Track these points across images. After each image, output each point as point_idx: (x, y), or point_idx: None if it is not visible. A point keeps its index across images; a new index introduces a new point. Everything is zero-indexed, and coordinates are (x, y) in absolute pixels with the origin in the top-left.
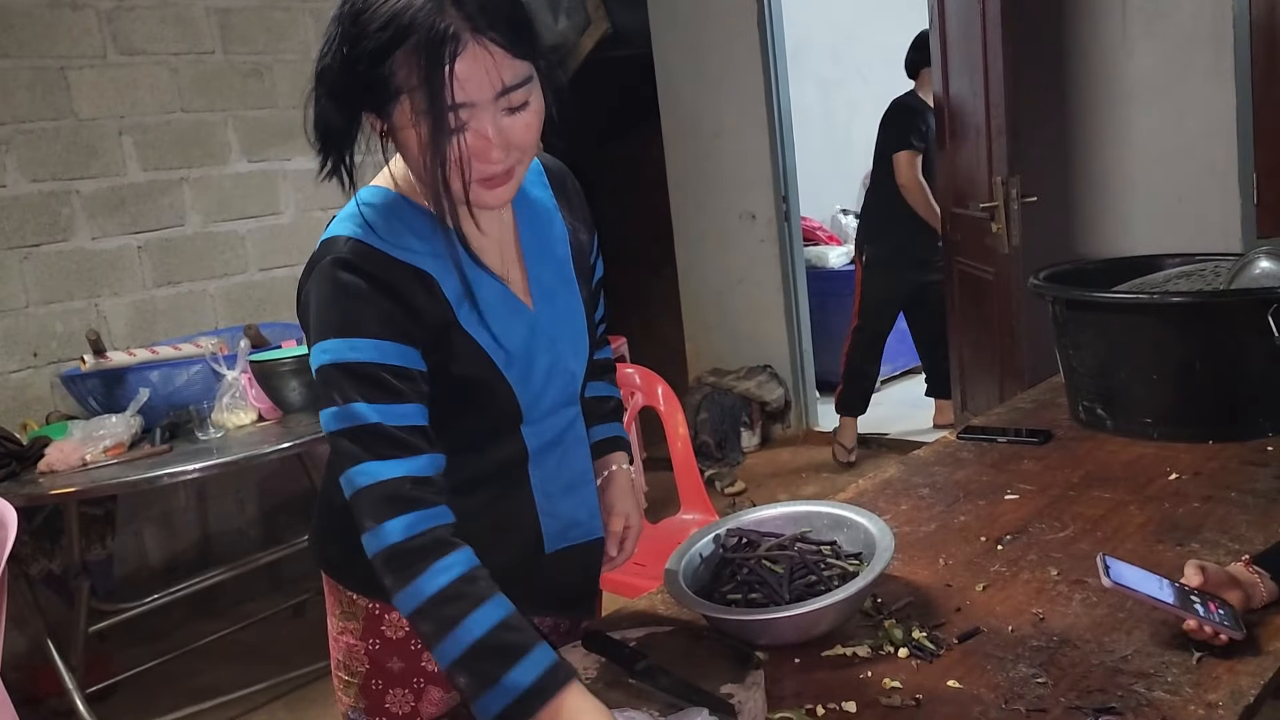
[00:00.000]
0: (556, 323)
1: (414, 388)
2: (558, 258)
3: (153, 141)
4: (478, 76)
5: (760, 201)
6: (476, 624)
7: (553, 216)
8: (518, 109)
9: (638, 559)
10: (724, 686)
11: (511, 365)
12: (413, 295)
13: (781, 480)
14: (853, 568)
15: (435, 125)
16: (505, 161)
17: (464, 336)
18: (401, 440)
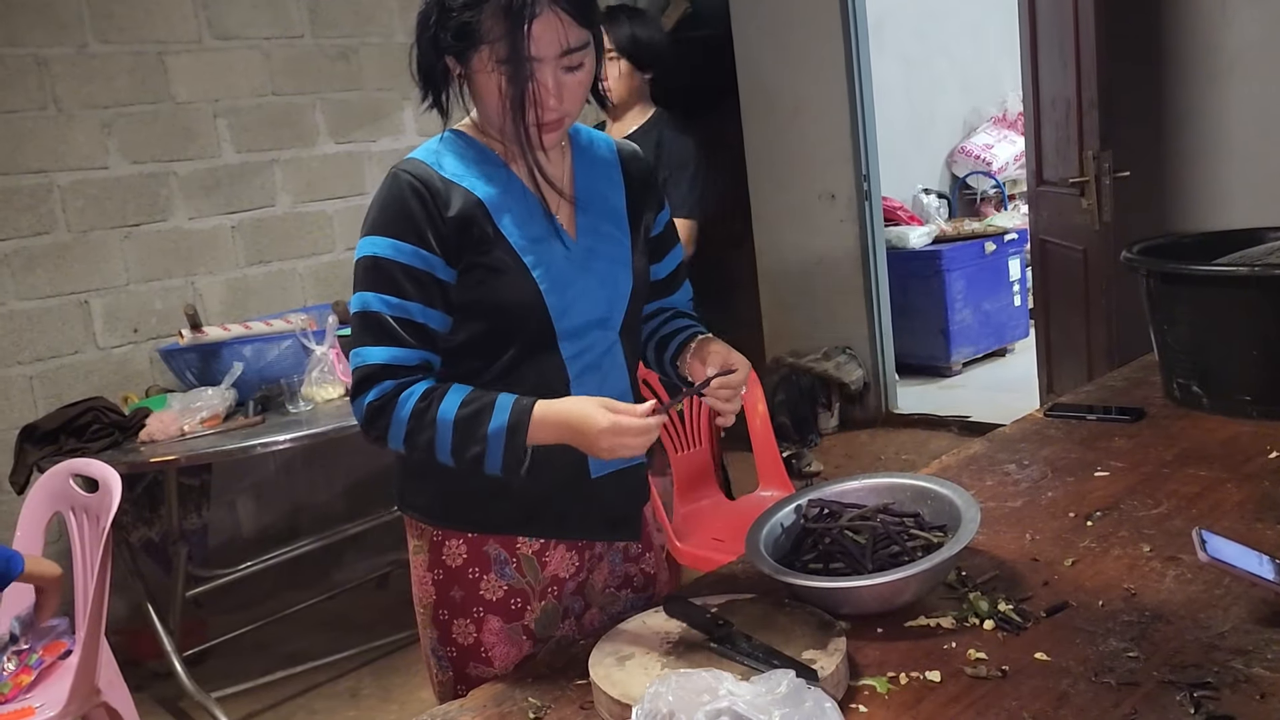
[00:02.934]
0: (597, 254)
1: (422, 290)
2: (610, 205)
3: (245, 124)
4: (548, 36)
5: (840, 181)
6: (446, 413)
7: (612, 174)
8: (575, 69)
9: (715, 534)
10: (806, 652)
11: (546, 279)
12: (455, 212)
13: (859, 462)
14: (937, 539)
15: (515, 70)
16: (559, 111)
17: (507, 252)
18: (393, 332)
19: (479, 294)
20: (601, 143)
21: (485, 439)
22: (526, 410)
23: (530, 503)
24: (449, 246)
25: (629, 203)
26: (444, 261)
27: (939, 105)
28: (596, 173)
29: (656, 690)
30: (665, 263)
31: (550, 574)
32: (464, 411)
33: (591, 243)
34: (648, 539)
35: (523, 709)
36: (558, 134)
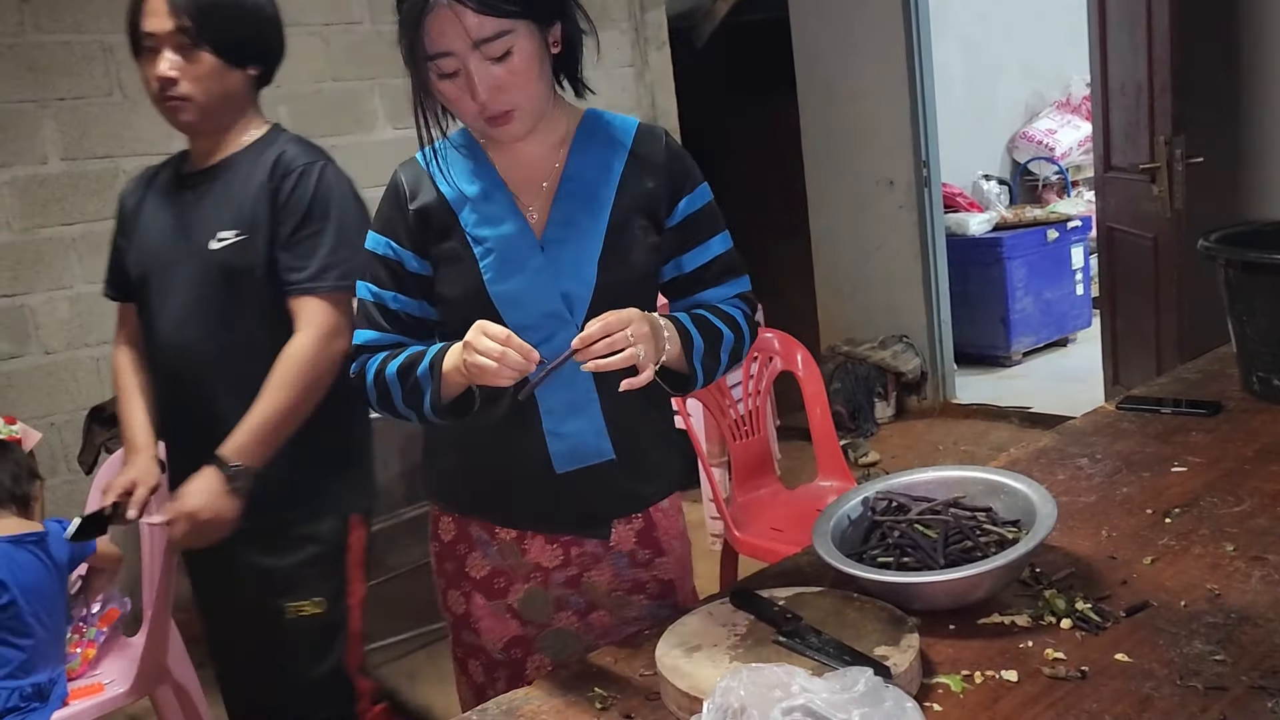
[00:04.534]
0: (563, 246)
1: (396, 280)
2: (595, 195)
3: (305, 110)
4: (450, 30)
5: (899, 167)
6: (391, 369)
7: (612, 161)
8: (500, 59)
9: (774, 524)
10: (877, 649)
11: (493, 269)
12: (417, 205)
13: (917, 453)
14: (1011, 535)
15: (412, 70)
16: (499, 103)
17: (461, 243)
18: (372, 317)
19: (442, 284)
20: (618, 127)
21: (417, 382)
22: (445, 349)
23: (498, 491)
24: (415, 239)
25: (622, 191)
26: (414, 254)
27: (1000, 89)
28: (592, 161)
29: (728, 684)
30: (693, 255)
31: (532, 561)
32: (405, 363)
33: (559, 234)
34: (657, 544)
35: (589, 699)
36: (511, 125)
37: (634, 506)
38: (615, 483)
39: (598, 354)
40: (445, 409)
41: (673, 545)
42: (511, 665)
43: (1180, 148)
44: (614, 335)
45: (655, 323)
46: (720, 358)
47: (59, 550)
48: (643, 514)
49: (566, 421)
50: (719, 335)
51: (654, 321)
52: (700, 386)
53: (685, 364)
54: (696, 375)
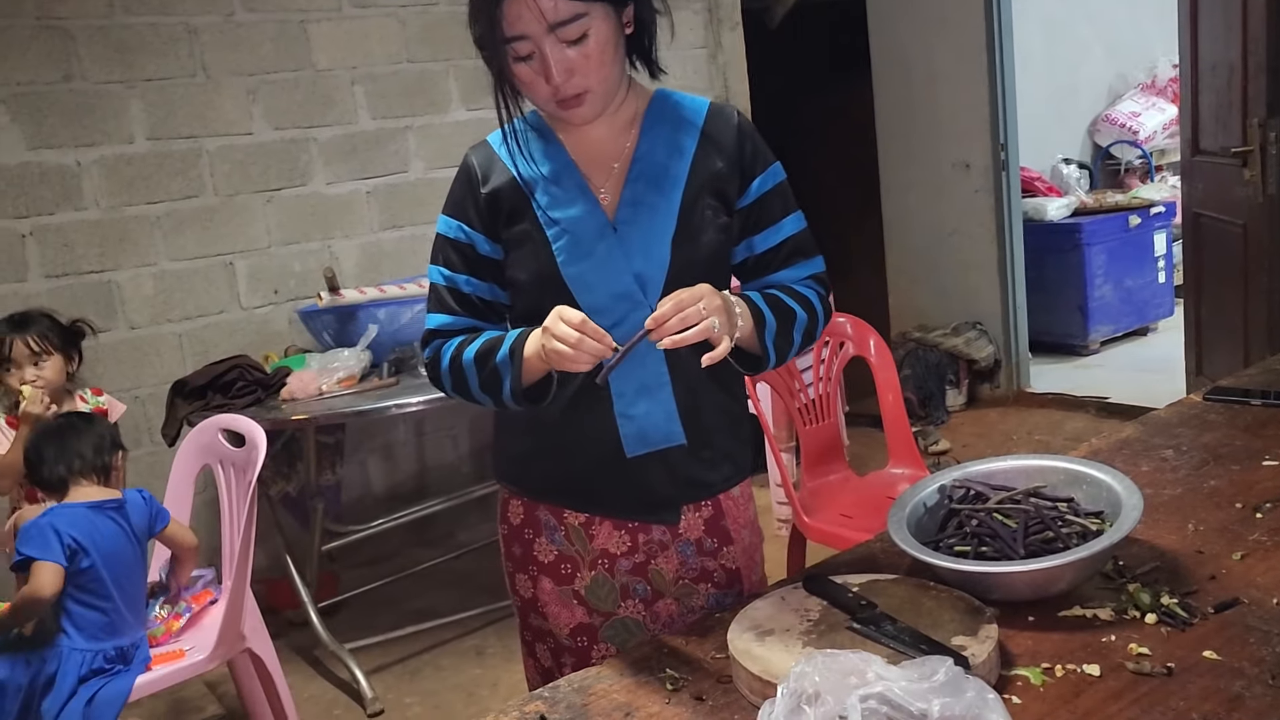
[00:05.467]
0: (634, 227)
1: (467, 264)
2: (667, 175)
3: (381, 91)
4: (526, 14)
5: (975, 150)
6: (468, 355)
7: (684, 141)
8: (575, 42)
9: (843, 510)
10: (955, 638)
11: (565, 251)
12: (490, 188)
13: (989, 441)
14: (1094, 526)
15: (490, 54)
16: (572, 86)
17: (534, 226)
18: (444, 301)
19: (514, 268)
20: (688, 107)
21: (496, 368)
22: (524, 335)
23: (568, 476)
24: (486, 222)
25: (694, 171)
26: (485, 237)
27: (1082, 71)
28: (663, 141)
29: (802, 670)
30: (765, 236)
31: (599, 547)
32: (482, 349)
33: (631, 215)
34: (725, 533)
35: (660, 679)
36: (583, 108)
37: (703, 493)
38: (684, 468)
39: (672, 330)
40: (523, 395)
41: (741, 534)
42: (578, 652)
43: (1275, 130)
44: (687, 311)
45: (727, 299)
46: (793, 338)
47: (138, 518)
48: (712, 501)
49: (637, 404)
50: (792, 315)
51: (726, 298)
52: (772, 366)
53: (757, 343)
54: (769, 355)
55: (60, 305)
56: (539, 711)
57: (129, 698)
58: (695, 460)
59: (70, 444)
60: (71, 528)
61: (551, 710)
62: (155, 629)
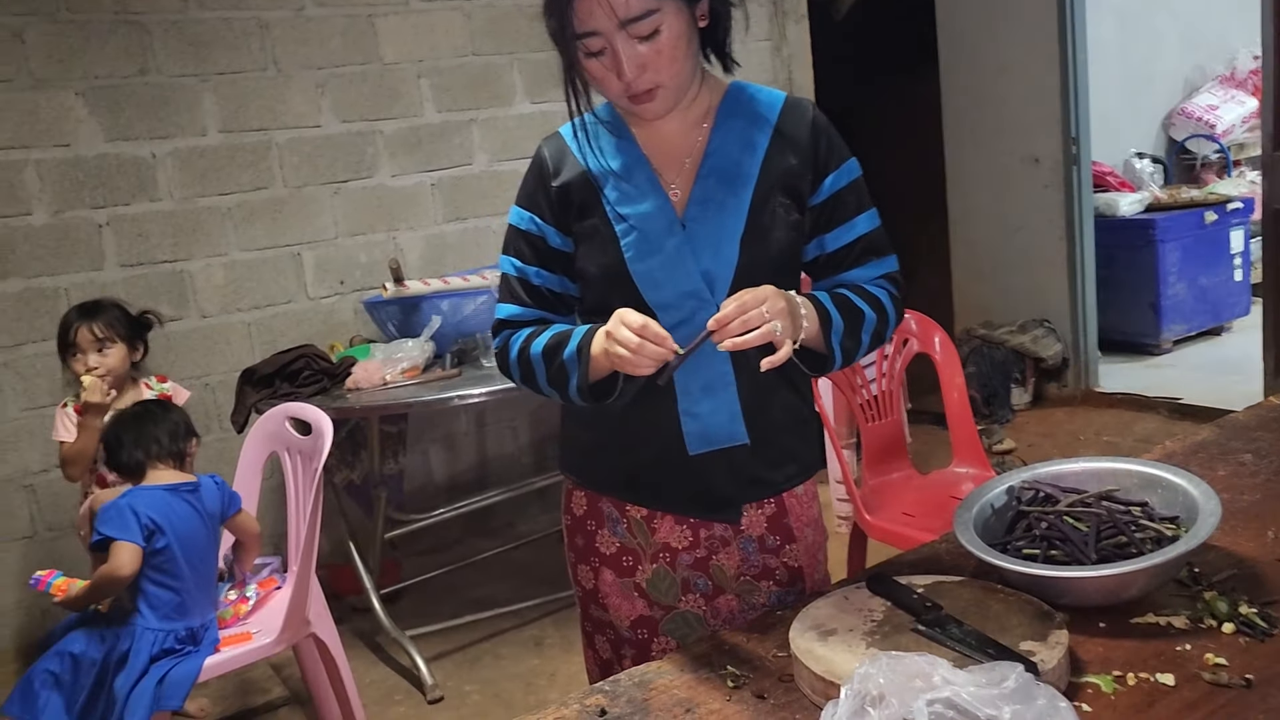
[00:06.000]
0: (703, 224)
1: (538, 255)
2: (739, 172)
3: (446, 84)
4: (597, 10)
5: (1045, 144)
6: (536, 348)
7: (757, 137)
8: (647, 38)
9: (906, 509)
10: (1023, 643)
11: (634, 248)
12: (561, 181)
13: (1055, 441)
14: (1169, 532)
15: (561, 49)
16: (643, 81)
17: (603, 221)
18: (515, 292)
19: (583, 261)
20: (763, 102)
21: (564, 364)
22: (592, 332)
23: (630, 470)
24: (557, 215)
25: (766, 168)
26: (556, 229)
27: (1157, 63)
28: (736, 137)
29: (867, 671)
30: (836, 235)
31: (660, 540)
32: (551, 343)
33: (700, 212)
34: (788, 531)
35: (721, 676)
36: (654, 104)
37: (765, 492)
38: (747, 467)
39: (734, 333)
40: (589, 391)
41: (804, 532)
42: (638, 645)
43: None
44: (749, 313)
45: (792, 300)
46: (861, 339)
47: (211, 502)
48: (775, 499)
49: (701, 403)
50: (860, 315)
51: (790, 299)
52: (838, 368)
53: (823, 344)
54: (835, 356)
55: (135, 294)
56: (600, 705)
57: (198, 678)
58: (758, 460)
59: (148, 430)
60: (149, 509)
61: (612, 704)
62: (224, 611)
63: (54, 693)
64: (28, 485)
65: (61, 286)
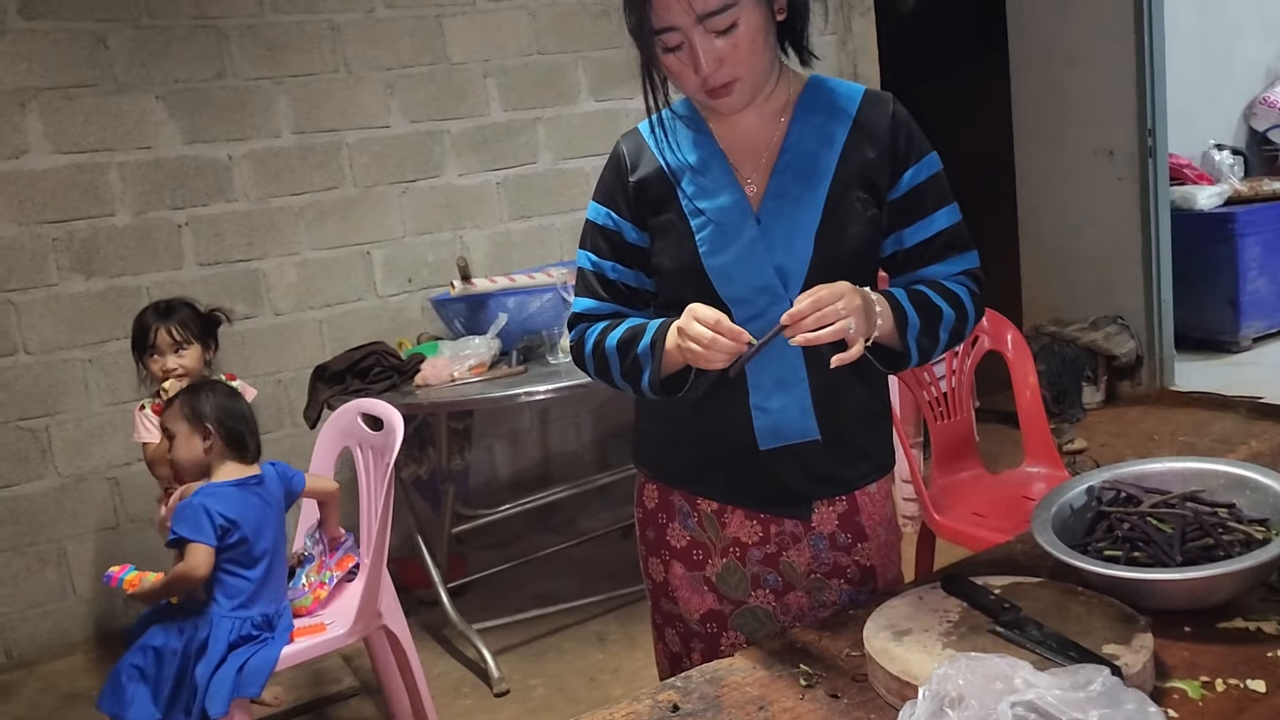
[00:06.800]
0: (779, 219)
1: (615, 250)
2: (816, 166)
3: (512, 83)
4: (675, 6)
5: (1120, 136)
6: (611, 341)
7: (836, 131)
8: (724, 32)
9: (975, 508)
10: (1106, 647)
11: (708, 242)
12: (638, 177)
13: (1128, 441)
14: (1259, 534)
15: (640, 42)
16: (721, 75)
17: (679, 215)
18: (591, 286)
19: (658, 256)
20: (842, 95)
21: (637, 358)
22: (666, 326)
23: (702, 464)
24: (634, 210)
25: (843, 162)
26: (632, 225)
27: (1237, 51)
28: (814, 131)
29: (946, 672)
30: (914, 230)
31: (731, 535)
32: (625, 336)
33: (776, 207)
34: (860, 529)
35: (794, 674)
36: (732, 98)
37: (837, 489)
38: (818, 463)
39: (807, 329)
40: (662, 385)
41: (877, 531)
42: (707, 638)
43: None
44: (824, 310)
45: (867, 297)
46: (939, 336)
47: (275, 490)
48: (847, 497)
49: (773, 398)
50: (938, 313)
51: (865, 296)
52: (914, 365)
53: (899, 341)
54: (910, 353)
55: (211, 292)
56: (672, 700)
57: (276, 667)
58: (829, 456)
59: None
60: (222, 506)
61: (684, 700)
62: (304, 598)
63: (140, 685)
64: (111, 478)
65: (143, 285)
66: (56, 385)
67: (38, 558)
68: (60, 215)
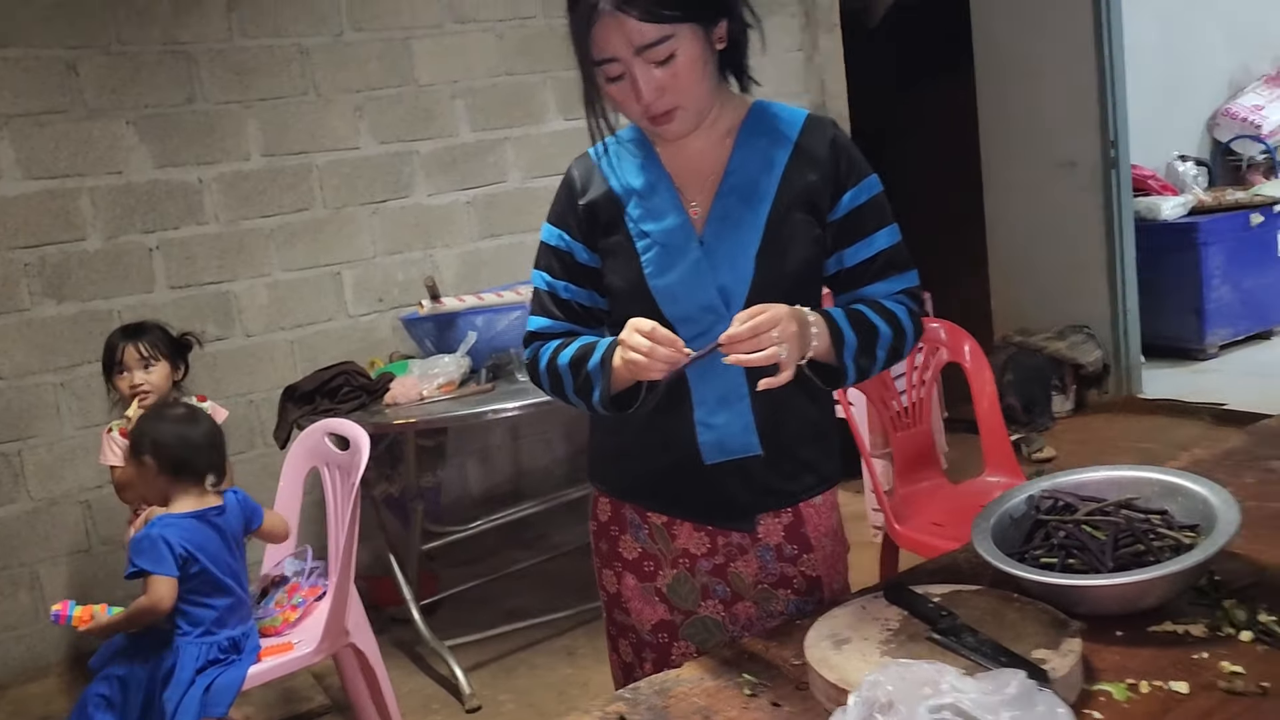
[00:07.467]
0: (721, 240)
1: (567, 270)
2: (757, 189)
3: (481, 104)
4: (615, 38)
5: (1082, 148)
6: (564, 359)
7: (776, 154)
8: (664, 62)
9: (935, 518)
10: (1035, 651)
11: (653, 263)
12: (587, 199)
13: (1095, 449)
14: (1188, 540)
15: (582, 72)
16: (662, 104)
17: (625, 237)
18: (545, 305)
19: (608, 276)
20: (784, 119)
21: (589, 375)
22: (614, 344)
23: (650, 477)
24: (585, 231)
25: (784, 185)
26: (584, 246)
27: (1200, 63)
28: (757, 155)
29: (876, 679)
30: (855, 250)
31: (680, 546)
32: (577, 355)
33: (718, 229)
34: (805, 540)
35: (738, 684)
36: (673, 124)
37: (781, 501)
38: (761, 478)
39: (743, 350)
40: (612, 401)
41: (822, 542)
42: (659, 649)
43: None
44: (760, 335)
45: (803, 319)
46: (876, 354)
47: (236, 519)
48: (792, 509)
49: (717, 414)
50: (875, 332)
51: (802, 318)
52: (853, 382)
53: (836, 359)
54: (848, 371)
55: (183, 315)
56: (620, 712)
57: (243, 686)
58: (772, 470)
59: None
60: (180, 537)
61: (632, 711)
62: (274, 618)
63: (107, 714)
64: (83, 501)
65: (115, 309)
66: (29, 409)
67: (10, 581)
68: (32, 240)
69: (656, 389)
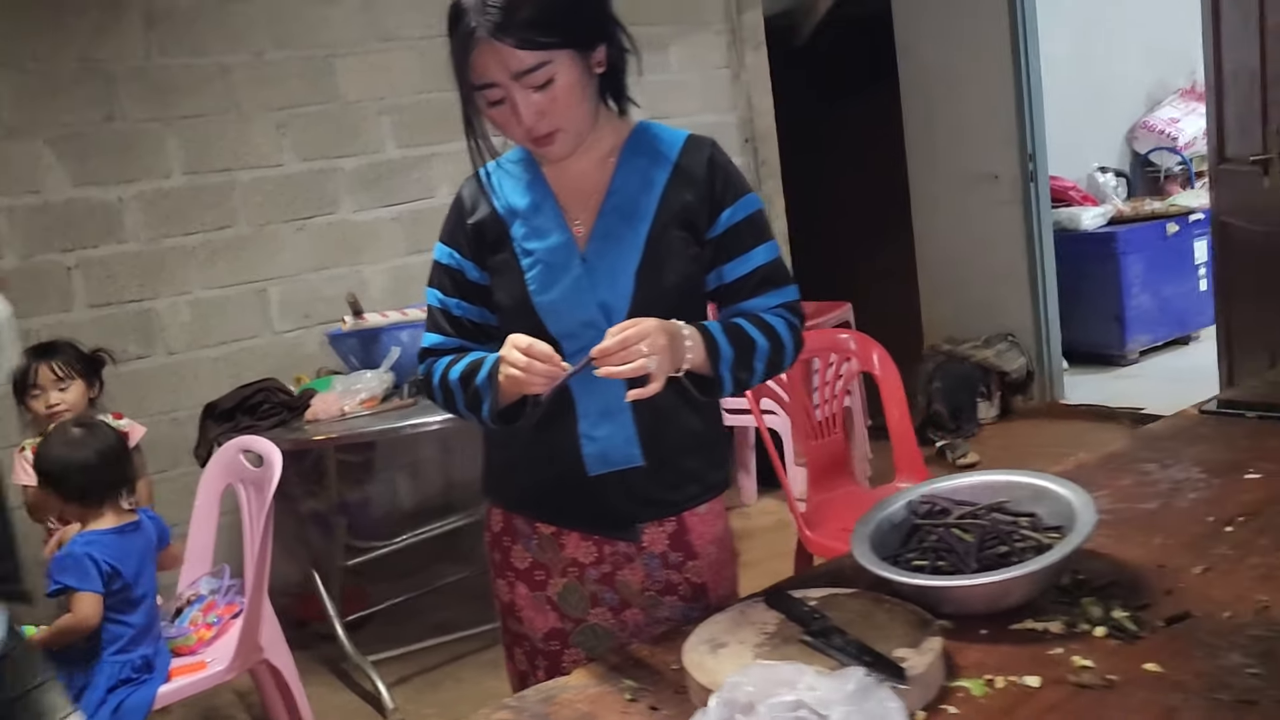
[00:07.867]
0: (602, 257)
1: (458, 288)
2: (637, 207)
3: (406, 121)
4: (492, 64)
5: (1003, 160)
6: (454, 374)
7: (656, 174)
8: (542, 87)
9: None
10: (897, 650)
11: (537, 281)
12: (475, 219)
13: (1019, 454)
14: (1050, 540)
15: (461, 96)
16: (542, 126)
17: (510, 255)
18: (438, 322)
19: (496, 293)
20: (665, 140)
21: (477, 390)
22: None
23: (537, 489)
24: (474, 250)
25: (663, 204)
26: (473, 264)
27: (1119, 77)
28: (638, 175)
29: (736, 680)
30: (733, 266)
31: (569, 555)
32: (467, 370)
33: (600, 246)
34: (690, 548)
35: (620, 690)
36: (555, 146)
37: (664, 511)
38: (644, 488)
39: (614, 363)
40: (500, 415)
41: (707, 550)
42: (550, 656)
43: None
44: (629, 348)
45: (675, 332)
46: (754, 366)
47: (150, 536)
48: (676, 518)
49: (600, 426)
50: (751, 344)
51: (674, 331)
52: (729, 394)
53: (711, 370)
54: (724, 381)
55: (103, 334)
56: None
57: (153, 705)
58: (655, 481)
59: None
60: (105, 554)
61: (517, 718)
62: (188, 637)
63: None
64: None
65: (32, 328)
66: None
67: None
68: None
69: (540, 402)
